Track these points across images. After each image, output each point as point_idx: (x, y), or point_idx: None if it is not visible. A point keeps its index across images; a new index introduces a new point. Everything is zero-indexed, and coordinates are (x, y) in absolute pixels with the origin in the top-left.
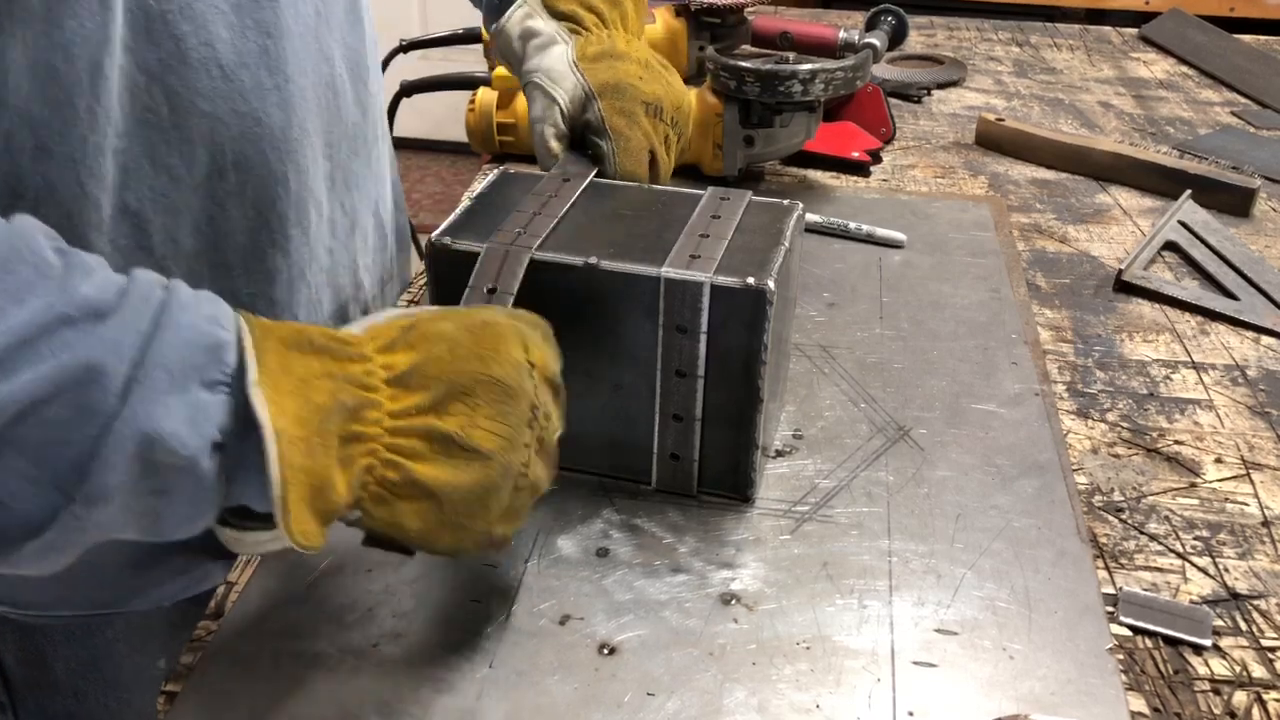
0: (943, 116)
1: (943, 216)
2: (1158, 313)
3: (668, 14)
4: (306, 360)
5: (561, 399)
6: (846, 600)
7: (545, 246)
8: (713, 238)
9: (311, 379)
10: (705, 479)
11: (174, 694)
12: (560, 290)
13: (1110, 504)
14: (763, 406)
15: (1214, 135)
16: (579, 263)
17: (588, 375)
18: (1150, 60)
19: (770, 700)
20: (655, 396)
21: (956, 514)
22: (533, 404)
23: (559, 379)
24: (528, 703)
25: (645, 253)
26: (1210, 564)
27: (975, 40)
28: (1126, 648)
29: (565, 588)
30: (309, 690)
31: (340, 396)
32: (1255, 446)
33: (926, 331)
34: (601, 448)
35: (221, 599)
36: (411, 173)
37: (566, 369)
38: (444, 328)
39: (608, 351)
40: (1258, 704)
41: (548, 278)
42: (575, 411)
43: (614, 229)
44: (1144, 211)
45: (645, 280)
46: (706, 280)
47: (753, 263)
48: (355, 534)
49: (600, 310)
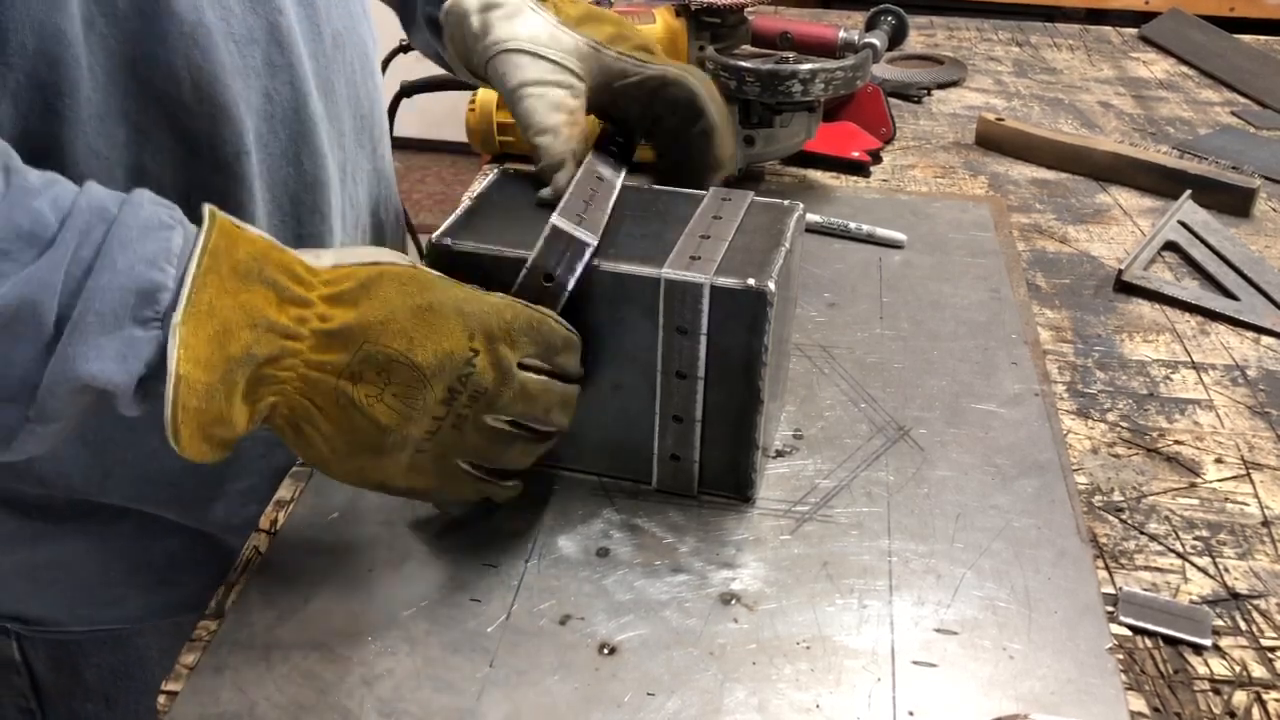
0: (943, 116)
1: (943, 216)
2: (1158, 313)
3: (668, 14)
4: (244, 297)
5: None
6: (846, 600)
7: None
8: (713, 239)
9: (234, 328)
10: (705, 479)
11: (174, 694)
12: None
13: (1110, 504)
14: (763, 408)
15: (1214, 135)
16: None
17: (588, 376)
18: (1150, 60)
19: (770, 700)
20: (655, 397)
21: (956, 514)
22: (452, 386)
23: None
24: (528, 703)
25: (645, 253)
26: (1210, 564)
27: (975, 40)
28: (1126, 647)
29: (565, 588)
30: (309, 690)
31: (255, 349)
32: (1255, 446)
33: (926, 331)
34: (602, 448)
35: (222, 599)
36: (412, 173)
37: None
38: (391, 297)
39: (608, 352)
40: (1258, 704)
41: None
42: (575, 413)
43: (615, 229)
44: (1144, 211)
45: (645, 281)
46: (706, 281)
47: (753, 264)
48: (355, 534)
49: (600, 311)
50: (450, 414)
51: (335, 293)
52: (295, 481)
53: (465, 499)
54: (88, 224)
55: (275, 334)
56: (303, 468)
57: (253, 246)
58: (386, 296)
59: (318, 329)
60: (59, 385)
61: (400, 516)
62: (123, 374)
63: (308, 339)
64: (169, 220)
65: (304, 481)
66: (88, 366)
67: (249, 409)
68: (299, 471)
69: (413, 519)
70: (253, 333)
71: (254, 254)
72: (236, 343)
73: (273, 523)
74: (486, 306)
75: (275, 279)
